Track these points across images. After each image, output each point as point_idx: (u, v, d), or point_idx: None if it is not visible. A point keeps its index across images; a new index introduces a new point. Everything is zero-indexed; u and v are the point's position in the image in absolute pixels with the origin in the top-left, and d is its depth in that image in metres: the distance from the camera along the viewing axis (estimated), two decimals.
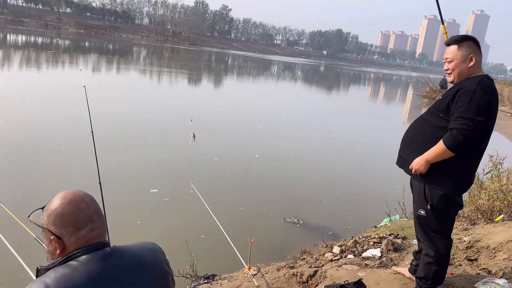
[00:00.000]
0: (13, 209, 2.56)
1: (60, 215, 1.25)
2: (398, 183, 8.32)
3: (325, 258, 3.93)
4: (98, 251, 1.25)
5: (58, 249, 1.26)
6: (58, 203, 1.27)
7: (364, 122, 18.25)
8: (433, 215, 2.74)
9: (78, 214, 1.26)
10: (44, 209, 1.29)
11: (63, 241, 1.25)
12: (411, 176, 2.88)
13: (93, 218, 1.29)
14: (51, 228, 1.25)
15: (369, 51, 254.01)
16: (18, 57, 26.64)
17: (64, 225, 1.25)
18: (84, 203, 1.29)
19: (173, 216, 6.02)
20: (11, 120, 10.17)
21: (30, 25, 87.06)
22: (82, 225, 1.26)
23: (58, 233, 1.25)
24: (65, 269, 1.19)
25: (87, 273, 1.19)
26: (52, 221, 1.25)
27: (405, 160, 2.90)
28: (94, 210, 1.31)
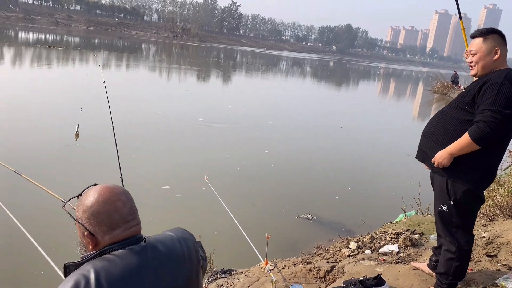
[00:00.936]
0: (35, 208, 2.59)
1: (96, 213, 1.23)
2: (411, 179, 8.27)
3: (342, 254, 3.91)
4: (134, 246, 1.24)
5: (90, 244, 1.26)
6: (94, 199, 1.25)
7: (374, 117, 18.14)
8: (455, 210, 2.70)
9: (113, 214, 1.24)
10: (80, 202, 1.28)
11: (96, 237, 1.24)
12: (432, 170, 2.83)
13: (128, 218, 1.27)
14: (85, 224, 1.24)
15: (379, 46, 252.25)
16: (29, 54, 26.91)
17: (98, 224, 1.23)
18: (120, 202, 1.27)
19: (186, 212, 6.04)
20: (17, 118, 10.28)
21: (41, 23, 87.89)
22: (116, 225, 1.25)
23: (92, 230, 1.24)
24: (102, 262, 1.18)
25: (125, 266, 1.18)
26: (87, 218, 1.24)
27: (426, 154, 2.85)
28: (129, 209, 1.29)
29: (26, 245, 2.98)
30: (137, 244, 1.25)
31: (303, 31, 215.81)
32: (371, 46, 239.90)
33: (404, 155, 10.70)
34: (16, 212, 2.87)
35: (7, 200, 3.08)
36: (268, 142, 10.75)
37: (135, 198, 1.33)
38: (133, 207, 1.31)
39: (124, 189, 1.33)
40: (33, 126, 9.64)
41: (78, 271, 1.16)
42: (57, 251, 2.94)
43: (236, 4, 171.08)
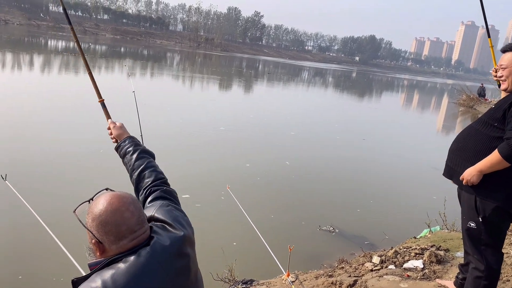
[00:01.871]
0: (55, 211, 2.65)
1: (104, 223, 1.25)
2: (436, 193, 8.11)
3: (364, 268, 3.86)
4: (140, 251, 1.26)
5: (98, 252, 1.29)
6: (103, 208, 1.27)
7: (398, 129, 17.91)
8: (484, 228, 2.64)
9: (121, 225, 1.26)
10: (90, 209, 1.30)
11: (104, 245, 1.27)
12: (460, 187, 2.78)
13: (135, 228, 1.28)
14: (93, 231, 1.27)
15: (403, 58, 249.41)
16: (57, 62, 27.68)
17: (106, 233, 1.26)
18: (128, 212, 1.28)
19: (207, 221, 6.02)
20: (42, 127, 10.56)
21: (69, 31, 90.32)
22: (123, 236, 1.26)
23: (100, 238, 1.26)
24: (109, 271, 1.20)
25: (131, 272, 1.20)
26: (95, 226, 1.26)
27: (453, 171, 2.80)
28: (137, 219, 1.29)
29: (52, 248, 3.05)
30: (143, 249, 1.27)
31: (326, 41, 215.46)
32: (395, 57, 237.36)
33: (428, 168, 10.51)
34: (43, 215, 2.95)
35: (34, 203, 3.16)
36: (289, 152, 10.71)
37: None
38: (141, 216, 1.32)
39: (134, 198, 1.34)
40: (59, 131, 9.89)
41: (88, 283, 1.19)
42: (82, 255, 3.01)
43: (259, 14, 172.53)
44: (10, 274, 4.19)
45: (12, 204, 4.83)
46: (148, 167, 1.78)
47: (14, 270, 4.25)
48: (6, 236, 4.91)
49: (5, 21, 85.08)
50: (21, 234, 4.90)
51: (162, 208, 1.50)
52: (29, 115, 11.00)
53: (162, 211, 1.48)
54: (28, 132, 9.49)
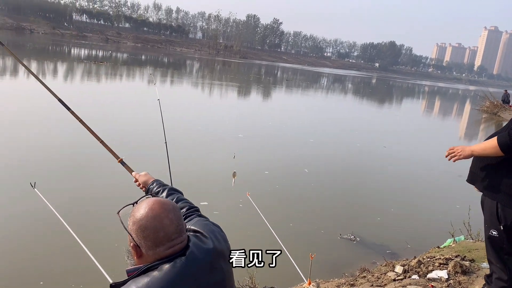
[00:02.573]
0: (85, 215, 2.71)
1: (143, 227, 1.28)
2: (459, 202, 7.96)
3: (387, 277, 3.81)
4: (176, 261, 1.28)
5: (135, 255, 1.32)
6: (144, 213, 1.30)
7: (419, 137, 17.64)
8: (506, 236, 2.58)
9: (159, 231, 1.28)
10: (132, 213, 1.33)
11: (141, 249, 1.30)
12: (483, 193, 2.73)
13: (173, 236, 1.30)
14: (133, 235, 1.30)
15: (424, 64, 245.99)
16: (80, 70, 28.28)
17: (144, 238, 1.28)
18: (167, 220, 1.30)
19: (226, 229, 5.95)
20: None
21: (92, 40, 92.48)
22: (160, 243, 1.28)
23: (138, 242, 1.29)
24: (144, 279, 1.23)
25: (166, 281, 1.22)
26: (135, 230, 1.29)
27: (476, 176, 2.76)
28: (176, 227, 1.31)
29: (77, 254, 3.11)
30: (179, 258, 1.29)
31: (345, 47, 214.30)
32: (416, 64, 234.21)
33: (451, 176, 10.32)
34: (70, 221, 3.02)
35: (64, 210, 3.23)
36: (308, 160, 10.66)
37: None
38: (180, 225, 1.33)
39: (175, 206, 1.37)
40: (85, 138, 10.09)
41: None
42: (110, 262, 3.06)
43: (278, 21, 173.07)
44: (33, 280, 4.27)
45: (40, 211, 4.94)
46: (180, 199, 1.83)
47: (36, 276, 4.34)
48: (32, 243, 5.02)
49: (31, 30, 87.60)
50: (48, 241, 5.00)
51: (200, 222, 1.54)
52: (56, 123, 11.26)
53: (200, 224, 1.51)
54: (55, 139, 9.72)
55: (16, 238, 5.06)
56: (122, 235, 1.35)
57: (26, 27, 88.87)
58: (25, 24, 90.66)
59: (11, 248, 4.85)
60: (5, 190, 6.29)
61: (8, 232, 5.17)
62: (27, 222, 5.38)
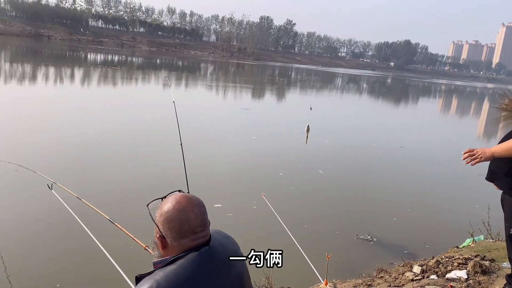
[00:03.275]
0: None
1: (169, 219, 1.35)
2: (477, 201, 7.82)
3: (405, 278, 3.77)
4: (202, 250, 1.36)
5: (160, 246, 1.38)
6: (170, 206, 1.36)
7: (437, 136, 17.38)
8: None
9: (184, 224, 1.34)
10: (160, 205, 1.40)
11: (166, 240, 1.36)
12: (503, 191, 2.69)
13: (197, 230, 1.36)
14: (159, 226, 1.37)
15: (440, 62, 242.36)
16: (96, 75, 28.70)
17: (170, 229, 1.35)
18: (192, 214, 1.36)
19: (241, 230, 5.95)
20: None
21: (108, 45, 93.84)
22: (184, 235, 1.35)
23: (164, 233, 1.36)
24: (171, 267, 1.30)
25: (192, 267, 1.30)
26: (162, 221, 1.36)
27: (495, 174, 2.72)
28: (200, 221, 1.37)
29: (95, 256, 3.16)
30: (203, 248, 1.36)
31: (360, 47, 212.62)
32: (432, 62, 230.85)
33: (469, 176, 10.16)
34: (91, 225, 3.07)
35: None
36: (322, 161, 10.56)
37: None
38: (205, 220, 1.39)
39: (201, 202, 1.42)
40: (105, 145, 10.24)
41: (151, 276, 1.30)
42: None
43: (291, 22, 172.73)
44: (49, 283, 4.34)
45: (57, 212, 5.03)
46: None
47: (53, 279, 4.40)
48: (49, 244, 5.12)
49: (48, 37, 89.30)
50: (65, 242, 5.08)
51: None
52: (75, 125, 11.46)
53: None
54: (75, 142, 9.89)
55: (33, 239, 5.16)
56: (140, 237, 1.39)
57: (44, 34, 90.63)
58: (43, 31, 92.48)
59: (30, 248, 4.94)
60: (22, 190, 6.39)
61: (26, 233, 5.28)
62: (44, 223, 5.49)
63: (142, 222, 1.47)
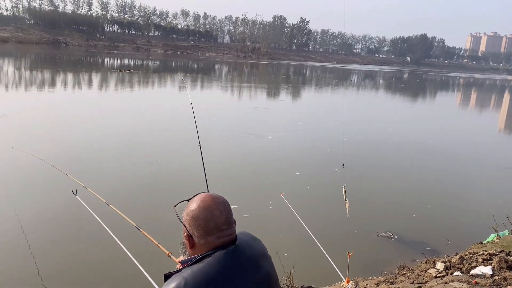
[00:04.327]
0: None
1: (195, 217, 1.38)
2: (501, 196, 7.67)
3: (428, 274, 3.72)
4: (228, 248, 1.37)
5: (189, 245, 1.41)
6: (196, 205, 1.40)
7: (457, 131, 17.09)
8: None
9: (210, 221, 1.37)
10: (187, 205, 1.43)
11: (193, 239, 1.39)
12: None
13: (222, 227, 1.38)
14: (186, 225, 1.40)
15: (458, 55, 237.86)
16: (113, 79, 29.09)
17: (196, 227, 1.38)
18: (217, 211, 1.39)
19: (260, 230, 5.95)
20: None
21: (124, 49, 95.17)
22: (210, 232, 1.37)
23: (190, 231, 1.39)
24: (199, 265, 1.32)
25: (219, 266, 1.32)
26: (188, 220, 1.39)
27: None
28: (225, 219, 1.39)
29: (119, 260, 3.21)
30: (229, 247, 1.38)
31: (375, 43, 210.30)
32: (449, 56, 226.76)
33: (491, 170, 9.97)
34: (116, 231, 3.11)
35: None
36: (338, 159, 10.38)
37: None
38: (230, 218, 1.41)
39: (225, 200, 1.44)
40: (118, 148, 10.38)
41: (179, 274, 1.32)
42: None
43: (305, 20, 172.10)
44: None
45: (81, 218, 5.12)
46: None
47: (80, 281, 4.49)
48: (76, 248, 5.21)
49: (66, 43, 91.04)
50: (91, 247, 5.17)
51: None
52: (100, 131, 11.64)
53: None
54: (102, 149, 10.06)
55: (61, 242, 5.27)
56: (164, 241, 1.40)
57: (62, 41, 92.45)
58: (60, 38, 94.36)
59: (58, 251, 5.04)
60: (49, 195, 6.54)
61: (53, 237, 5.39)
62: (70, 228, 5.59)
63: (165, 227, 1.48)
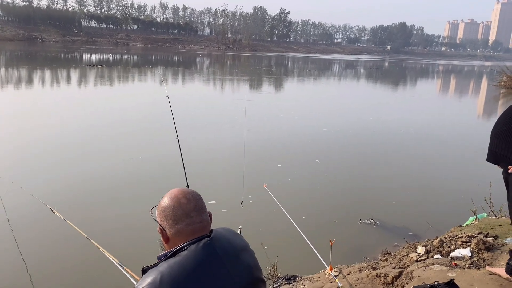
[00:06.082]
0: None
1: (164, 208, 1.40)
2: (479, 180, 7.83)
3: (409, 259, 3.78)
4: (201, 241, 1.37)
5: (164, 240, 1.42)
6: (164, 199, 1.42)
7: (436, 117, 17.35)
8: None
9: (177, 209, 1.38)
10: (158, 205, 1.45)
11: (166, 232, 1.40)
12: (509, 171, 2.67)
13: (191, 214, 1.39)
14: (158, 220, 1.42)
15: (436, 43, 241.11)
16: (92, 75, 28.60)
17: (165, 218, 1.39)
18: (184, 199, 1.40)
19: (242, 222, 5.88)
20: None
21: (102, 44, 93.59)
22: (179, 219, 1.38)
23: (162, 224, 1.40)
24: (175, 258, 1.32)
25: (195, 258, 1.32)
26: (158, 214, 1.42)
27: (500, 156, 2.69)
28: (194, 206, 1.40)
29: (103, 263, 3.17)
30: (204, 239, 1.38)
31: (355, 32, 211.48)
32: (428, 43, 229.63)
33: (469, 155, 10.17)
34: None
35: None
36: (319, 150, 10.41)
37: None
38: (198, 206, 1.42)
39: (195, 192, 1.46)
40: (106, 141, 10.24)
41: (155, 268, 1.32)
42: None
43: (285, 11, 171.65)
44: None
45: (64, 232, 4.99)
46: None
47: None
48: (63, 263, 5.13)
49: (42, 40, 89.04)
50: (78, 260, 5.08)
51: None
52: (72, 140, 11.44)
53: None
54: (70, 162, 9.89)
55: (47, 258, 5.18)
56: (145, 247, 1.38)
57: (38, 37, 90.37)
58: (36, 34, 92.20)
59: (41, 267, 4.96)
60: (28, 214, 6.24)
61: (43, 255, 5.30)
62: (52, 244, 5.49)
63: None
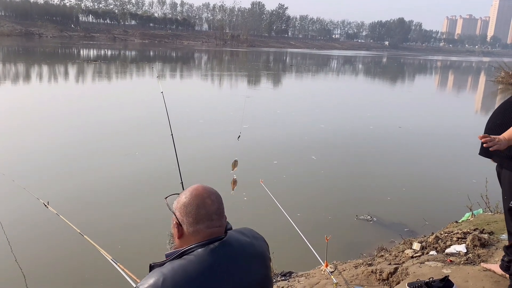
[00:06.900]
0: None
1: (186, 204, 1.37)
2: (475, 176, 7.84)
3: (405, 255, 3.79)
4: (210, 245, 1.34)
5: (177, 235, 1.40)
6: (188, 193, 1.40)
7: (434, 113, 17.35)
8: None
9: (201, 208, 1.37)
10: (178, 198, 1.43)
11: (183, 228, 1.38)
12: (500, 165, 2.68)
13: (213, 217, 1.38)
14: (176, 213, 1.39)
15: (435, 39, 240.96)
16: (89, 71, 28.48)
17: (186, 214, 1.37)
18: (209, 200, 1.39)
19: (239, 220, 5.91)
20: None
21: (100, 39, 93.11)
22: (201, 220, 1.36)
23: (180, 219, 1.38)
24: (180, 261, 1.30)
25: (200, 264, 1.29)
26: (179, 208, 1.39)
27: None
28: (216, 209, 1.39)
29: (99, 262, 3.17)
30: (214, 243, 1.35)
31: (353, 28, 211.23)
32: (426, 39, 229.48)
33: (466, 151, 10.17)
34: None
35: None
36: (315, 146, 10.32)
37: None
38: (221, 209, 1.42)
39: (217, 193, 1.44)
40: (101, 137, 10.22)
41: (159, 269, 1.30)
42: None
43: (283, 7, 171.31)
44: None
45: (57, 227, 4.97)
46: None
47: None
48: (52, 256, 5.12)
49: (39, 35, 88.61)
50: (69, 254, 5.06)
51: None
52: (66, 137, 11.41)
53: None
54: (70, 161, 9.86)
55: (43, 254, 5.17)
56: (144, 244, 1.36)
57: (35, 32, 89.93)
58: (33, 29, 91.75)
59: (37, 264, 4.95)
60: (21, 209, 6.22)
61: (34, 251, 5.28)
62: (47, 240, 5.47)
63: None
